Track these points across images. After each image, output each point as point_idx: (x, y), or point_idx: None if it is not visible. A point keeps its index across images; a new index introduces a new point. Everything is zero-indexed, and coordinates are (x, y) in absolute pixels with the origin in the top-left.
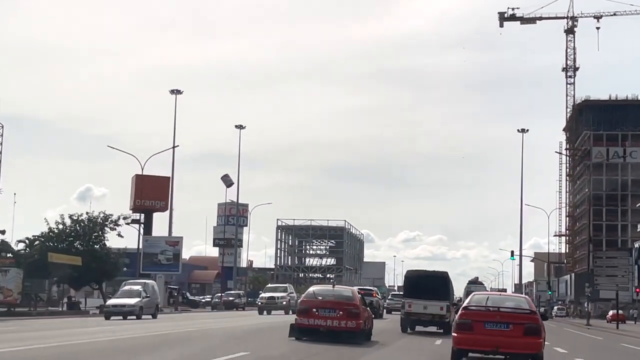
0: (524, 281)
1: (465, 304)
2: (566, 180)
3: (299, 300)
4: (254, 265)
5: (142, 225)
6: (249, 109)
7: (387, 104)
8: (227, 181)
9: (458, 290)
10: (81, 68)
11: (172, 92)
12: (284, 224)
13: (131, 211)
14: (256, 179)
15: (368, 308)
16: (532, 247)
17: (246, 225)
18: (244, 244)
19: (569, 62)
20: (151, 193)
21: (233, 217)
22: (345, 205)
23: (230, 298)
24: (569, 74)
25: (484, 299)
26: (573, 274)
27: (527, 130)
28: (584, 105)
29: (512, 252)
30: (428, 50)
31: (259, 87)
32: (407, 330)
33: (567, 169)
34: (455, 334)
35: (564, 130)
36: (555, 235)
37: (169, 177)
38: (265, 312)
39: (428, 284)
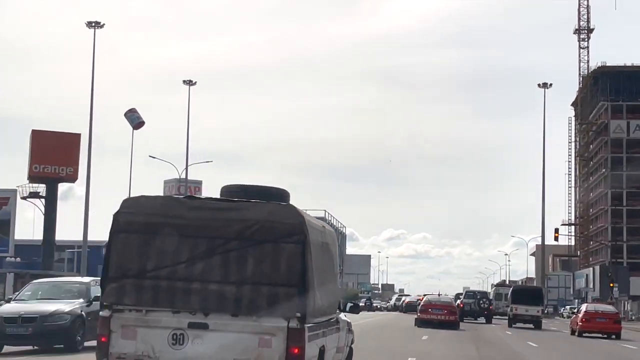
0: (524, 277)
1: (584, 310)
2: (575, 160)
3: (421, 304)
4: None
5: (44, 200)
6: (233, 107)
7: (374, 103)
8: (132, 119)
9: (456, 288)
10: (73, 68)
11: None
12: None
13: (28, 181)
14: (240, 177)
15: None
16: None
17: None
18: None
19: (582, 22)
20: (54, 156)
21: None
22: (328, 203)
23: None
24: (582, 36)
25: (593, 306)
26: (598, 267)
27: (551, 84)
28: (599, 73)
29: (557, 228)
30: (417, 47)
31: (245, 85)
32: (511, 326)
33: (577, 148)
34: (581, 323)
35: (572, 105)
36: (563, 224)
37: (79, 135)
38: None
39: (528, 294)
